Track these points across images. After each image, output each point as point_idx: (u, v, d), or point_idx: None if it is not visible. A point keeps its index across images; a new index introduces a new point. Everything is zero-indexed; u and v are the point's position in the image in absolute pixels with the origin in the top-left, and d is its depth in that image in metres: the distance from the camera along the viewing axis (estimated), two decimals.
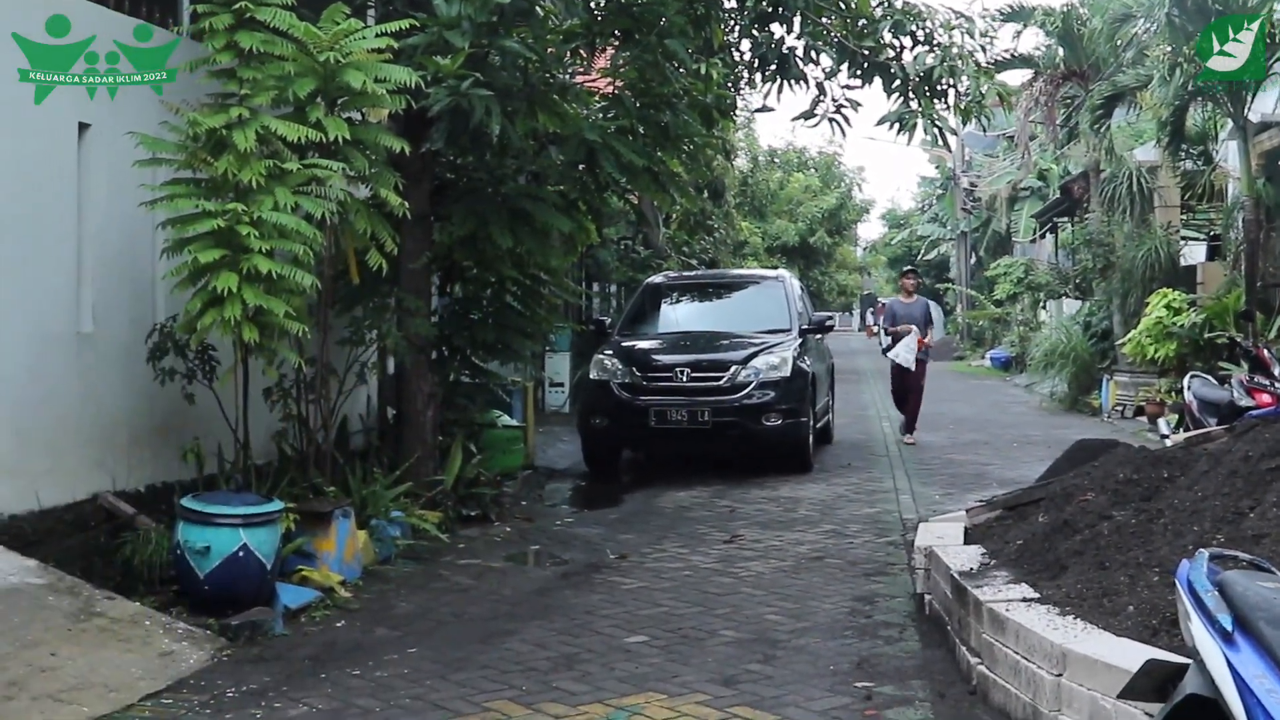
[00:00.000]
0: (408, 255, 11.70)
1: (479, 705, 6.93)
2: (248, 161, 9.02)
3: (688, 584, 9.90)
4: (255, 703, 6.99)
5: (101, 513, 9.63)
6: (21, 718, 6.44)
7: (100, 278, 9.90)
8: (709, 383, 15.43)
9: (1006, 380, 34.68)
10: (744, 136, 43.94)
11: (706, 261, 30.82)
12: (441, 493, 12.01)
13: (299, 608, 8.86)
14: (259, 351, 9.27)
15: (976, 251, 52.81)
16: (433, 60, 10.49)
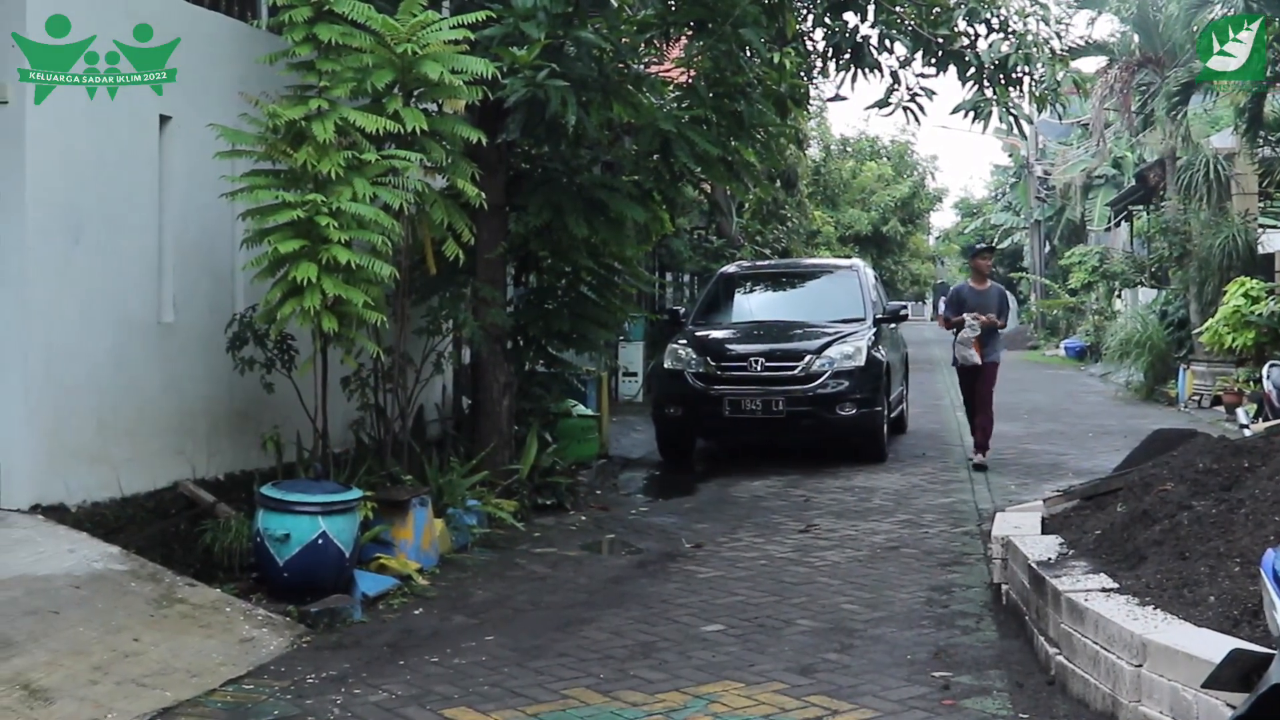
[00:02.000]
0: (484, 245, 11.74)
1: (557, 693, 6.97)
2: (327, 153, 9.09)
3: (763, 573, 9.91)
4: (335, 689, 7.05)
5: (181, 500, 9.74)
6: (106, 702, 6.51)
7: (180, 268, 10.01)
8: (783, 372, 15.41)
9: (1081, 369, 34.42)
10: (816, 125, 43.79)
11: (779, 251, 30.74)
12: (517, 481, 12.06)
13: (377, 595, 8.94)
14: (337, 341, 9.34)
15: (1050, 240, 52.42)
16: (509, 51, 10.53)
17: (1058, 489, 10.68)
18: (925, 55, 13.20)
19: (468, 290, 11.90)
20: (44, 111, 8.62)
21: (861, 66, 13.60)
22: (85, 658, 6.94)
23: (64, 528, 8.61)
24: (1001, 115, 13.23)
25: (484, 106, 10.98)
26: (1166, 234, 27.43)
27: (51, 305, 8.77)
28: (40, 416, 8.73)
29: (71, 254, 8.94)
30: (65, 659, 6.85)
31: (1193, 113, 26.04)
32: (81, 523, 8.76)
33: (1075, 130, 44.53)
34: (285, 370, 9.98)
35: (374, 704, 6.82)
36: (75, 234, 8.95)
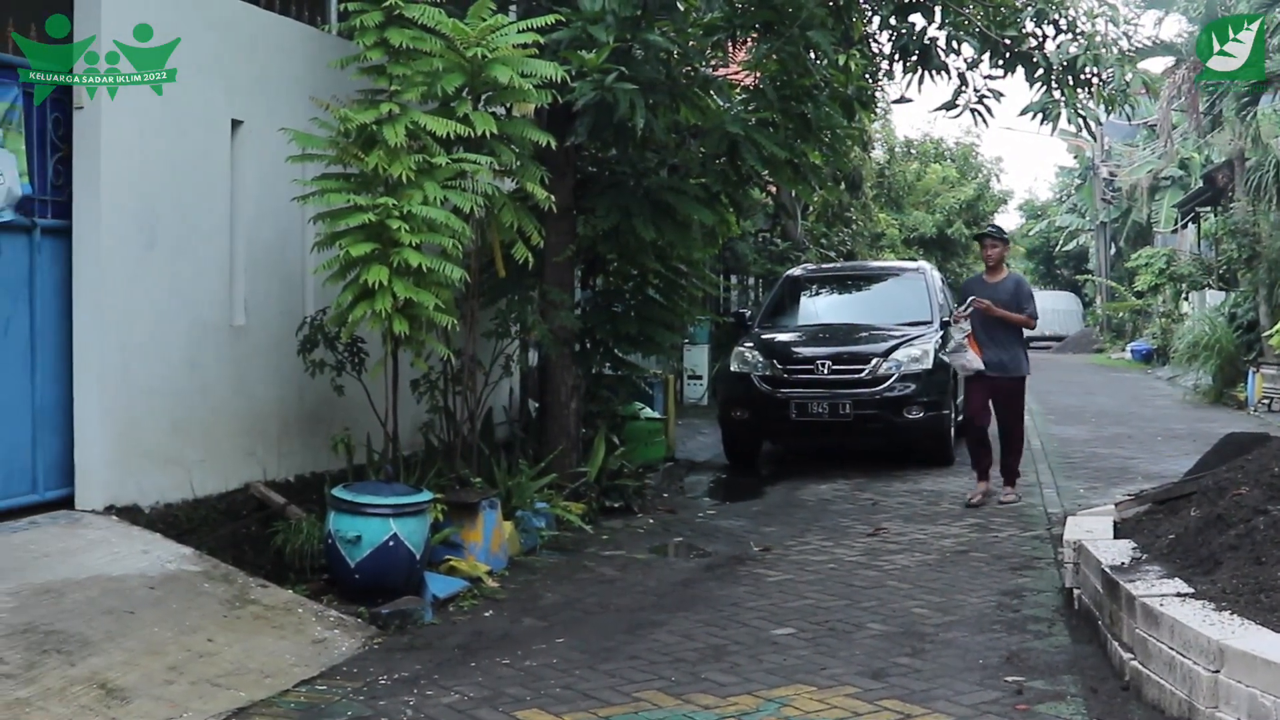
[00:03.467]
0: (552, 248, 11.78)
1: (629, 695, 6.97)
2: (398, 156, 9.13)
3: (832, 577, 9.88)
4: (407, 690, 7.07)
5: (253, 502, 9.82)
6: (182, 702, 6.56)
7: (252, 271, 10.08)
8: (850, 375, 15.37)
9: (1148, 373, 34.24)
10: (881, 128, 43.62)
11: (844, 253, 30.69)
12: (585, 484, 12.08)
13: (447, 597, 8.97)
14: (408, 343, 9.37)
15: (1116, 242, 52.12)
16: (577, 55, 10.56)
17: (1129, 493, 10.62)
18: (993, 57, 13.11)
19: (535, 293, 11.92)
20: (119, 117, 8.72)
21: (929, 68, 13.52)
22: (161, 657, 6.99)
23: (138, 529, 8.68)
24: (1070, 117, 13.12)
25: (552, 110, 11.01)
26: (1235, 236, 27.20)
27: (127, 308, 8.85)
28: (115, 418, 8.81)
29: (146, 258, 9.02)
30: (141, 658, 6.91)
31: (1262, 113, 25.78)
32: (155, 524, 8.84)
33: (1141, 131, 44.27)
34: (355, 373, 10.03)
35: (446, 705, 6.84)
36: (150, 238, 9.03)
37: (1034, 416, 21.08)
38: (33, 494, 8.70)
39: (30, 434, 8.67)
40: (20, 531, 8.27)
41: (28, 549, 8.02)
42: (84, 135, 8.72)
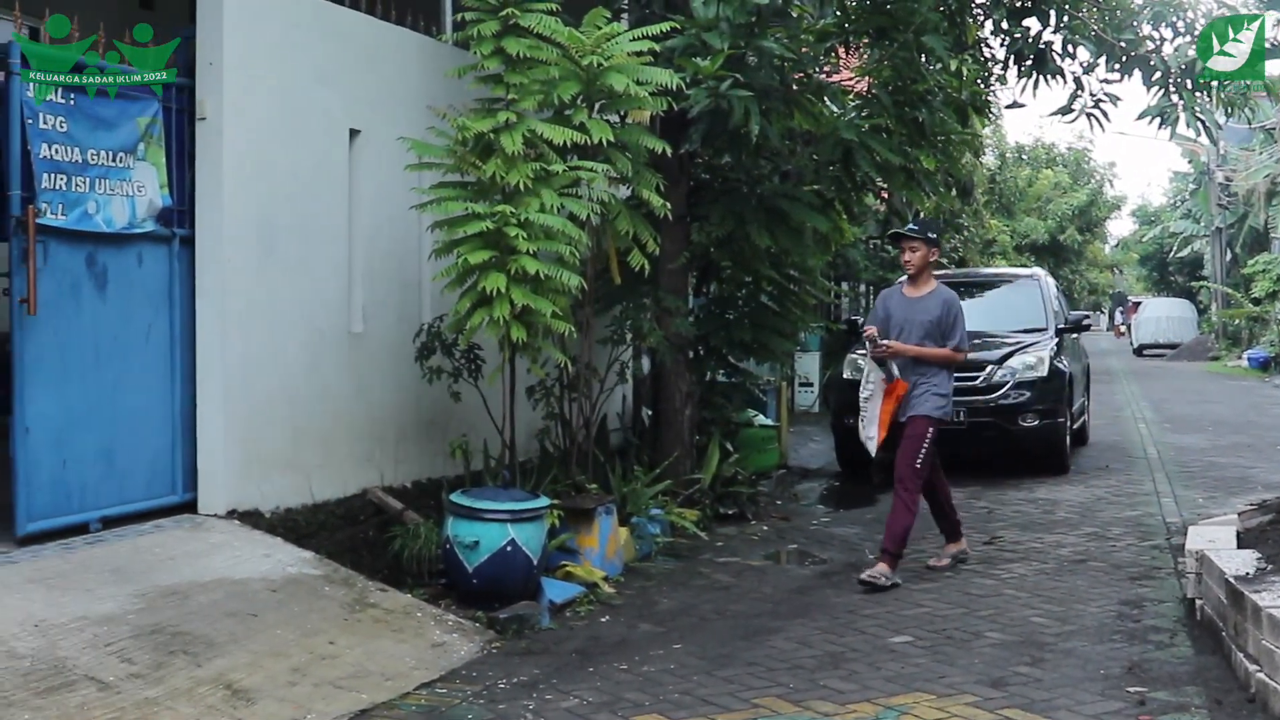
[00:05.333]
0: (666, 255, 11.80)
1: (747, 702, 6.97)
2: (515, 164, 9.20)
3: (949, 585, 9.82)
4: (526, 694, 7.12)
5: (370, 507, 9.92)
6: (305, 703, 6.65)
7: (370, 279, 10.19)
8: (964, 383, 15.20)
9: (1265, 380, 33.70)
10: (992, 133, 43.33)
11: (956, 260, 30.50)
12: (699, 491, 12.09)
13: (564, 602, 9.01)
14: (525, 350, 9.43)
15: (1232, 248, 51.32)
16: (692, 62, 10.58)
17: (1251, 502, 10.46)
18: (1109, 60, 12.98)
19: (650, 300, 11.95)
20: (240, 127, 8.87)
21: (1044, 73, 13.40)
22: (284, 659, 7.09)
23: (259, 532, 8.81)
24: (1189, 121, 12.95)
25: (666, 117, 11.05)
26: None
27: (247, 316, 8.98)
28: (237, 424, 8.94)
29: (266, 266, 9.15)
30: (265, 660, 7.01)
31: None
32: (275, 528, 8.96)
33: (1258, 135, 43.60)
34: (472, 379, 10.10)
35: (566, 710, 6.87)
36: (269, 246, 9.15)
37: (1149, 425, 20.89)
38: (171, 495, 8.92)
39: (170, 438, 8.88)
40: (146, 535, 8.43)
41: (153, 551, 8.17)
42: (206, 146, 8.87)
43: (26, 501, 8.03)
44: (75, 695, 6.15)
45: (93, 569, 7.74)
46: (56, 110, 8.11)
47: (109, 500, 8.55)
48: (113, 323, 8.55)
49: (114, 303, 8.55)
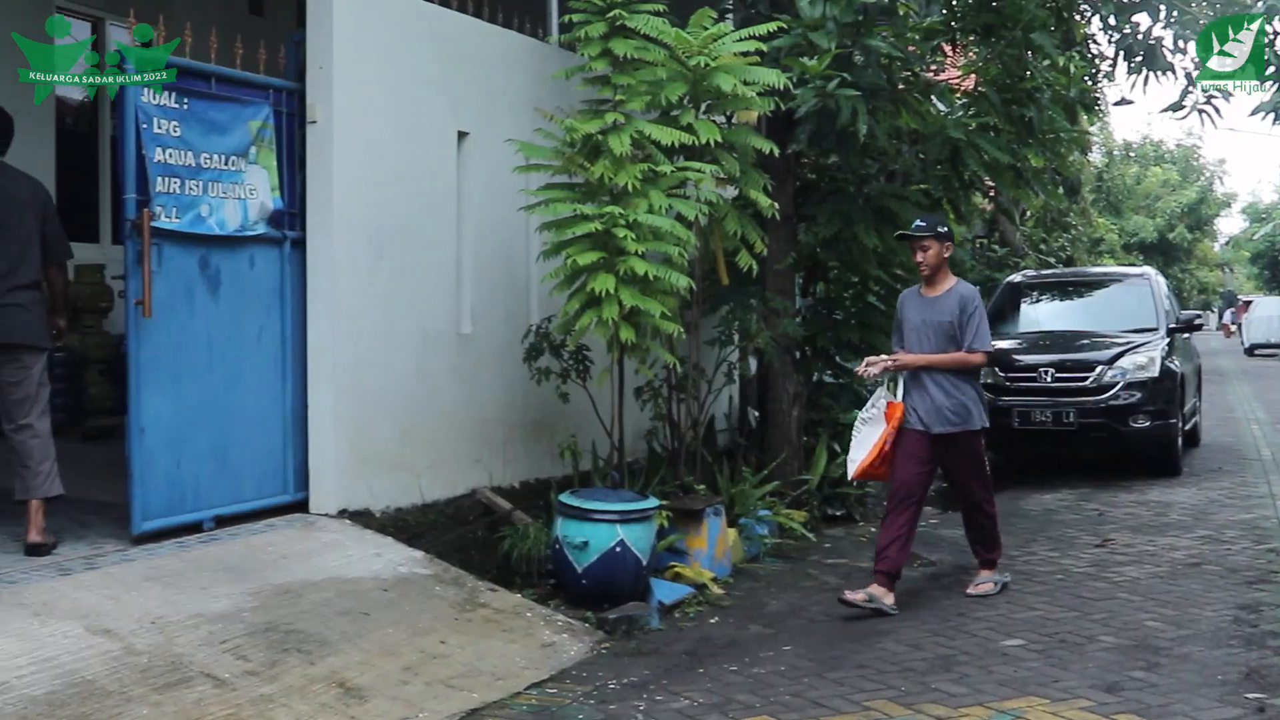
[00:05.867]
0: (773, 256, 11.76)
1: (859, 704, 6.92)
2: (623, 165, 9.22)
3: (1061, 588, 9.70)
4: (637, 695, 7.11)
5: (479, 507, 9.97)
6: (417, 702, 6.68)
7: (478, 280, 10.24)
8: (1074, 383, 15.10)
9: None
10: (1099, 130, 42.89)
11: (1063, 259, 30.20)
12: (807, 492, 12.05)
13: (672, 603, 9.00)
14: (633, 351, 9.44)
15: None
16: (798, 61, 10.53)
17: None
18: None
19: (757, 300, 11.91)
20: (350, 130, 8.95)
21: (1154, 69, 13.22)
22: (395, 658, 7.13)
23: (370, 532, 8.88)
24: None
25: (773, 117, 11.02)
26: None
27: (358, 317, 9.05)
28: (347, 424, 9.01)
29: (376, 267, 9.22)
30: (377, 659, 7.05)
31: None
32: (386, 528, 9.02)
33: None
34: (580, 380, 10.13)
35: (676, 711, 6.86)
36: (379, 248, 9.22)
37: (1262, 426, 20.57)
38: (283, 495, 9.04)
39: (281, 438, 9.00)
40: (259, 534, 8.52)
41: (266, 550, 8.26)
42: (317, 149, 8.96)
43: (142, 500, 8.15)
44: (192, 691, 6.22)
45: (207, 567, 7.83)
46: (170, 114, 8.22)
47: (222, 499, 8.66)
48: (225, 324, 8.65)
49: (226, 304, 8.66)
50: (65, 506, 8.98)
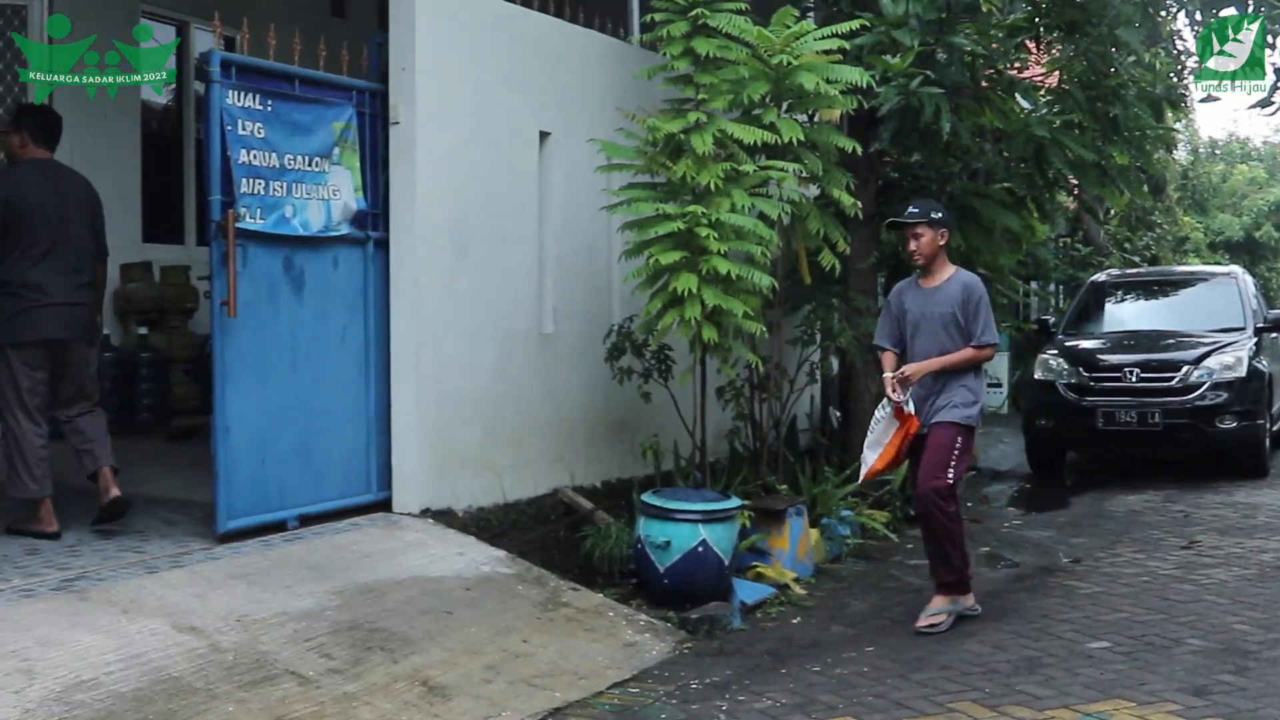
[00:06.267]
0: (856, 255, 11.72)
1: (942, 706, 6.87)
2: (705, 165, 9.20)
3: (1146, 590, 9.59)
4: (719, 695, 7.09)
5: (561, 506, 9.98)
6: (500, 700, 6.68)
7: (560, 280, 10.26)
8: (1159, 383, 14.93)
9: None
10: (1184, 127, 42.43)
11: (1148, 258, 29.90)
12: (889, 492, 11.96)
13: (755, 603, 8.97)
14: (716, 351, 9.42)
15: None
16: (881, 59, 10.49)
17: None
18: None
19: (839, 300, 11.86)
20: (433, 130, 8.99)
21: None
22: (478, 657, 7.14)
23: (452, 531, 8.91)
24: None
25: (855, 115, 10.97)
26: None
27: (441, 317, 9.09)
28: (430, 424, 9.05)
29: (458, 267, 9.25)
30: (460, 658, 7.06)
31: None
32: (468, 527, 9.05)
33: None
34: (662, 380, 10.12)
35: (759, 711, 6.83)
36: (462, 248, 9.25)
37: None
38: (366, 494, 9.10)
39: (365, 437, 9.06)
40: (343, 533, 8.57)
41: (350, 549, 8.30)
42: (400, 149, 9.00)
43: (227, 499, 8.22)
44: (277, 689, 6.26)
45: (291, 566, 7.88)
46: (254, 116, 8.28)
47: (306, 498, 8.72)
48: (309, 324, 8.71)
49: (310, 305, 8.71)
50: (151, 505, 9.11)
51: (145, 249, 13.23)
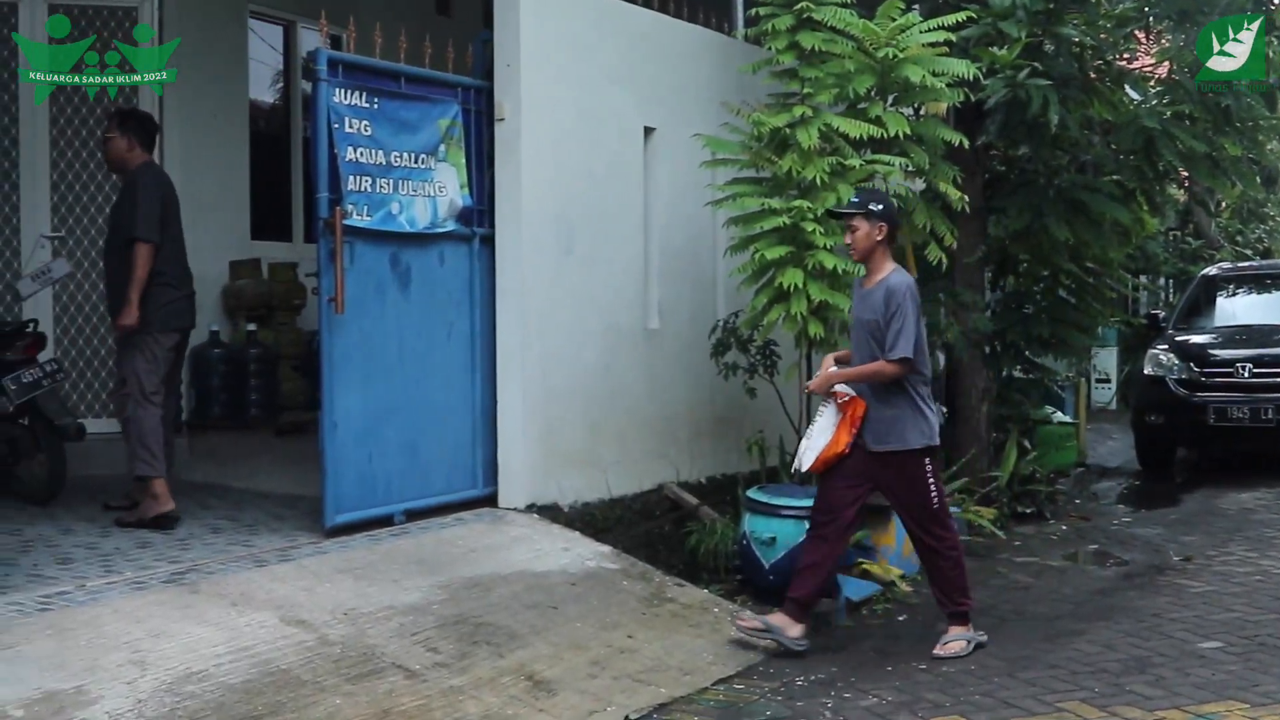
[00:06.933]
0: (962, 249, 11.59)
1: (1051, 705, 6.78)
2: (811, 159, 9.15)
3: (1260, 590, 9.41)
4: (824, 692, 7.04)
5: (666, 502, 9.99)
6: (605, 696, 6.69)
7: (665, 276, 10.27)
8: (1272, 378, 14.67)
9: None
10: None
11: (1260, 251, 29.40)
12: (996, 489, 11.86)
13: (860, 600, 8.91)
14: (821, 346, 9.36)
15: None
16: (988, 51, 10.39)
17: None
18: None
19: (945, 294, 11.77)
20: (538, 127, 9.03)
21: None
22: (583, 652, 7.15)
23: (558, 526, 8.95)
24: None
25: (961, 108, 10.86)
26: None
27: (546, 314, 9.12)
28: (536, 420, 9.09)
29: (564, 263, 9.27)
30: (565, 653, 7.08)
31: None
32: (573, 522, 9.09)
33: None
34: (767, 375, 10.09)
35: (864, 709, 6.78)
36: (567, 244, 9.28)
37: None
38: (472, 489, 9.17)
39: (470, 433, 9.11)
40: (449, 528, 8.63)
41: (456, 544, 8.36)
42: (505, 146, 9.05)
43: (334, 494, 8.30)
44: (384, 682, 6.31)
45: (398, 560, 7.95)
46: (361, 114, 8.34)
47: (412, 493, 8.79)
48: (415, 320, 8.77)
49: (416, 301, 8.77)
50: (260, 500, 9.22)
51: (254, 246, 13.39)
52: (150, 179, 8.79)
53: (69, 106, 10.46)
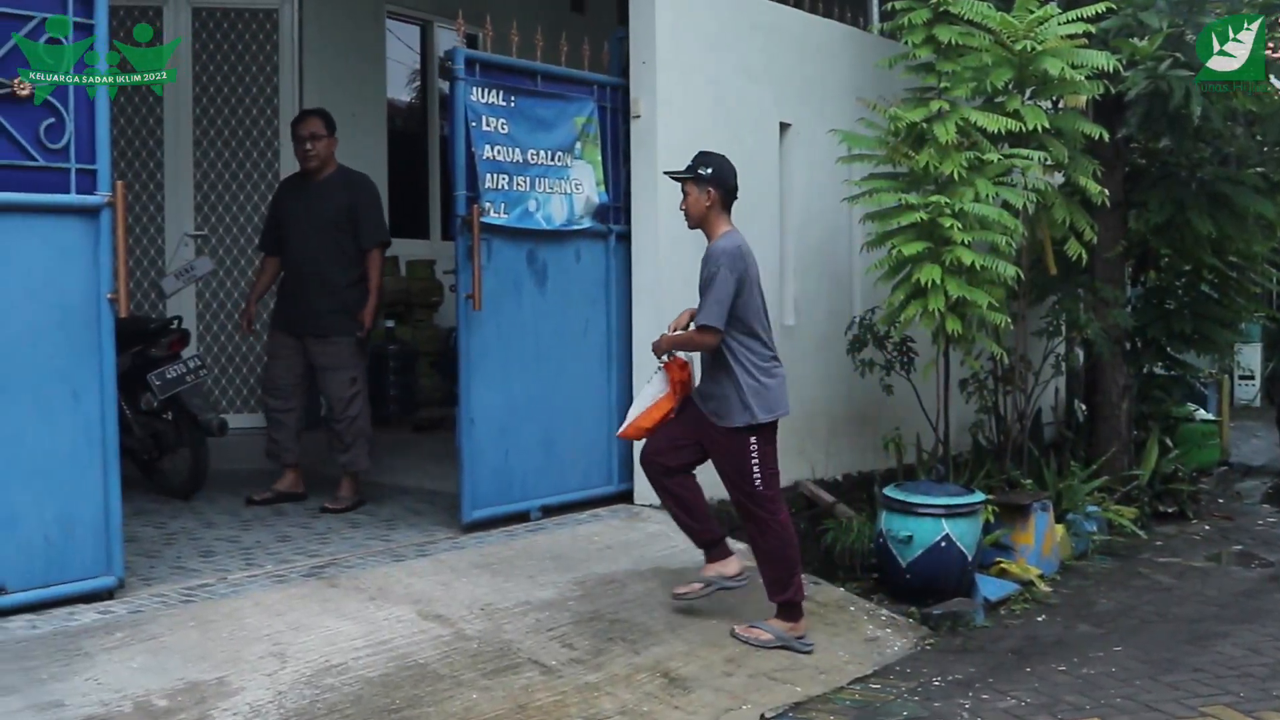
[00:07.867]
0: (1102, 244, 11.42)
1: (1194, 709, 6.67)
2: (948, 154, 9.06)
3: None
4: (962, 692, 6.98)
5: (802, 499, 9.93)
6: (740, 693, 6.67)
7: (801, 272, 10.23)
8: None
9: None
10: None
11: None
12: (1137, 488, 11.68)
13: (998, 600, 8.83)
14: (959, 343, 9.28)
15: None
16: (1128, 43, 10.23)
17: None
18: None
19: (1085, 290, 11.61)
20: (673, 123, 9.01)
21: None
22: (718, 650, 7.14)
23: None
24: None
25: (1101, 101, 10.71)
26: None
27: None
28: None
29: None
30: (700, 650, 7.08)
31: None
32: None
33: None
34: (904, 372, 10.02)
35: (1002, 710, 6.71)
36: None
37: None
38: (607, 486, 9.24)
39: (606, 430, 9.13)
40: (584, 524, 8.66)
41: (591, 540, 8.38)
42: (641, 143, 9.05)
43: (471, 490, 8.36)
44: (520, 678, 6.34)
45: (534, 556, 7.99)
46: (498, 113, 8.39)
47: (548, 490, 8.83)
48: (552, 317, 8.81)
49: (553, 298, 8.81)
50: (398, 495, 9.31)
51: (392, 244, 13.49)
52: (371, 183, 9.42)
53: (211, 107, 10.65)
